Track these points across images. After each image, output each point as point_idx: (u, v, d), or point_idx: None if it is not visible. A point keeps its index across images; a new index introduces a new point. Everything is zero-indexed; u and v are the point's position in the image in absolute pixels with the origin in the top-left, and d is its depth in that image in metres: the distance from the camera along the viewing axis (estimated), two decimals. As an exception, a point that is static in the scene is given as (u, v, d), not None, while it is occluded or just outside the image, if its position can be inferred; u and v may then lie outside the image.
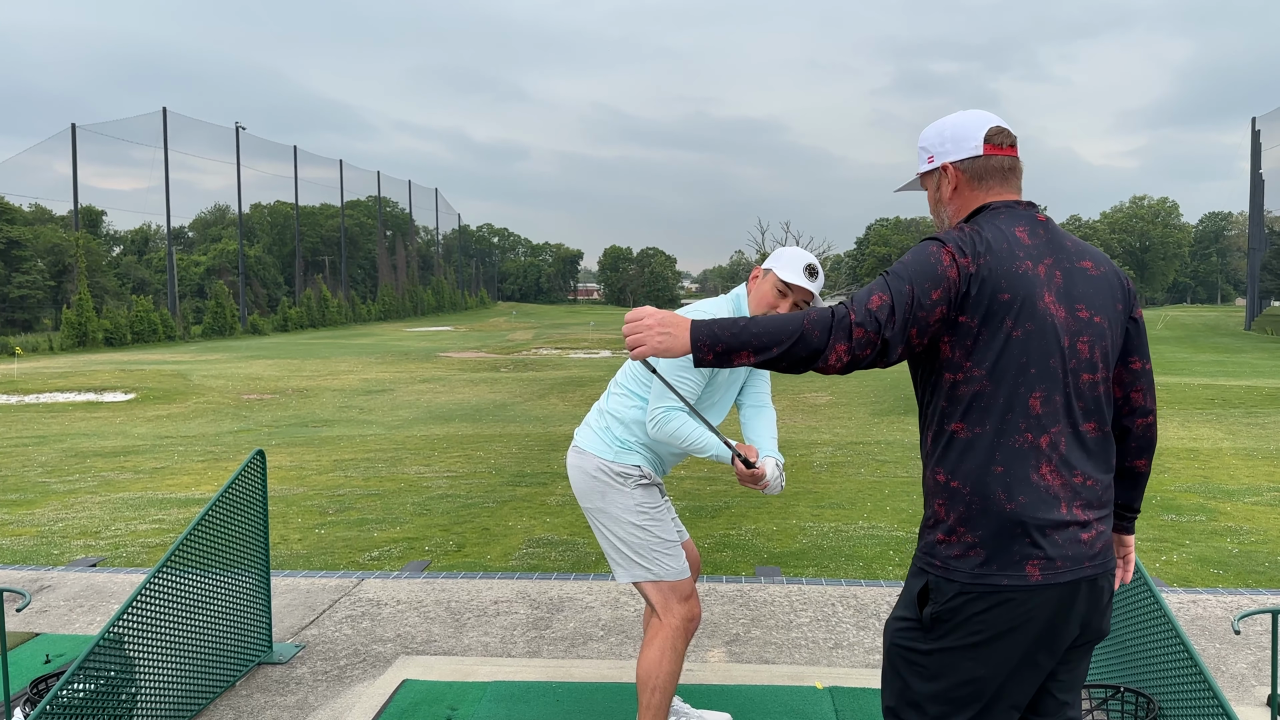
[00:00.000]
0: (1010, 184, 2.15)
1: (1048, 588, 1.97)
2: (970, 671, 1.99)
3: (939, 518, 2.03)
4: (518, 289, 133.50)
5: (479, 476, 10.00)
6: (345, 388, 21.46)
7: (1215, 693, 2.82)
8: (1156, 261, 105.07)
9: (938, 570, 2.01)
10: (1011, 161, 2.15)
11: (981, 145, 2.13)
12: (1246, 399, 16.40)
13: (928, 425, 2.08)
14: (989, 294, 1.96)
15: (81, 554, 6.82)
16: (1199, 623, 4.77)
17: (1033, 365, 1.98)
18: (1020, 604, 1.95)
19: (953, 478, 2.00)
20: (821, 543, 6.85)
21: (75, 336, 40.61)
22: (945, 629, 2.00)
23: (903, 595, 2.14)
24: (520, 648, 4.54)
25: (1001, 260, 1.98)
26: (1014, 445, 1.97)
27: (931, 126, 2.22)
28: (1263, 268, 48.97)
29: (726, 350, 1.97)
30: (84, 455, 12.32)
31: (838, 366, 1.93)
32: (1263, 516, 7.69)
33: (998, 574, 1.95)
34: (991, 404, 1.97)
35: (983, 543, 1.96)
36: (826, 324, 1.91)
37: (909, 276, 1.95)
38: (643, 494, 3.22)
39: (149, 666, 3.47)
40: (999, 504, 1.96)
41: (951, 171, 2.16)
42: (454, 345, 38.65)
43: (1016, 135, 2.18)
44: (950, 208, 2.19)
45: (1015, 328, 1.97)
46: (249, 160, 59.75)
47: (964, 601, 1.97)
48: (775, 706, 3.83)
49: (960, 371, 1.99)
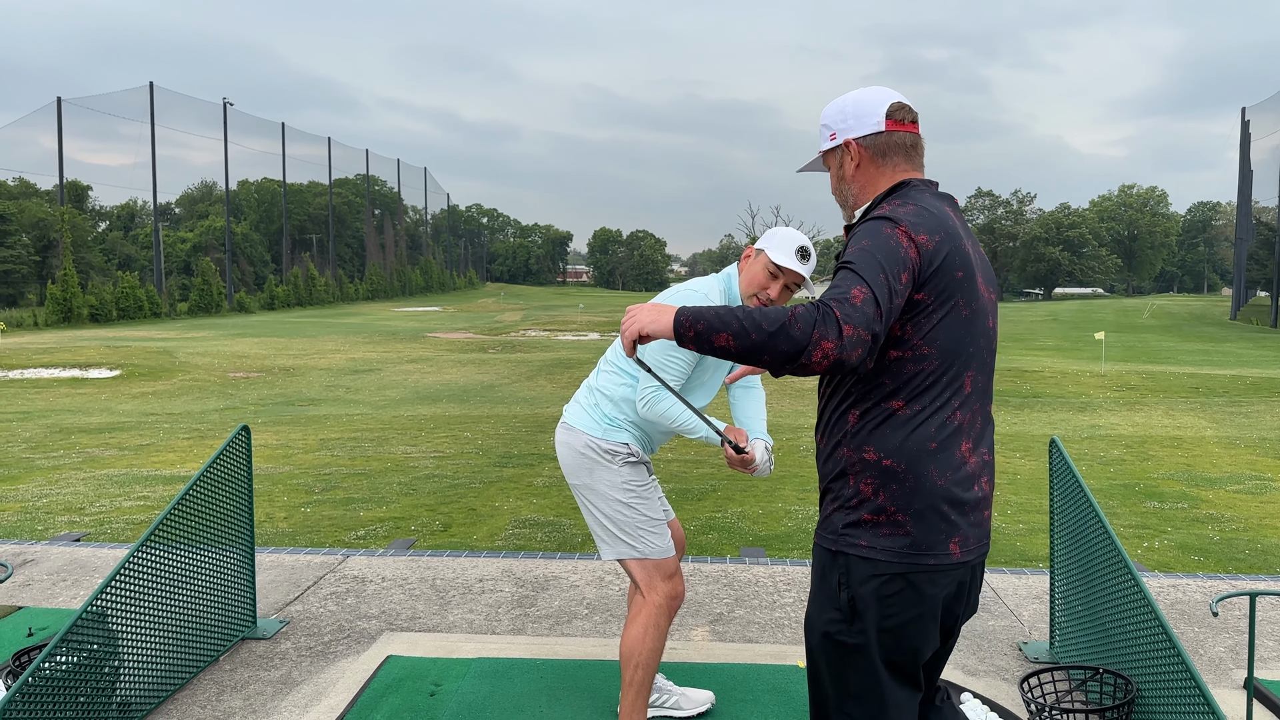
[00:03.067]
0: (914, 161, 2.13)
1: (960, 566, 1.99)
2: (896, 652, 1.99)
3: (865, 497, 1.98)
4: (506, 270, 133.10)
5: (466, 457, 10.00)
6: (332, 367, 21.39)
7: (1193, 675, 2.84)
8: (1144, 250, 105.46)
9: (861, 550, 1.97)
10: (914, 138, 2.13)
11: (884, 121, 2.10)
12: (1230, 388, 16.52)
13: (853, 402, 2.01)
14: (946, 271, 1.94)
15: (65, 530, 6.80)
16: (1178, 607, 4.81)
17: (971, 344, 1.99)
18: (934, 583, 1.97)
19: (886, 456, 1.96)
20: (807, 526, 6.87)
21: (60, 312, 40.32)
22: (863, 614, 1.98)
23: (817, 586, 2.09)
24: (505, 625, 4.55)
25: (952, 237, 1.98)
26: (948, 423, 1.97)
27: (832, 104, 2.19)
28: (1249, 258, 49.18)
29: (708, 329, 1.88)
30: (68, 431, 12.26)
31: (822, 365, 1.79)
32: (1244, 504, 7.76)
33: (925, 554, 1.95)
34: (935, 382, 1.96)
35: (913, 521, 1.95)
36: (811, 319, 1.77)
37: (879, 264, 1.86)
38: (630, 471, 3.22)
39: (132, 640, 3.46)
40: (931, 481, 1.95)
41: (855, 148, 2.12)
42: (442, 326, 38.54)
43: (918, 112, 2.16)
44: (854, 185, 2.15)
45: (965, 306, 1.97)
46: (236, 137, 59.28)
47: (879, 584, 1.96)
48: (758, 684, 3.85)
49: (909, 349, 1.94)
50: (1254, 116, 46.17)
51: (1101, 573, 3.62)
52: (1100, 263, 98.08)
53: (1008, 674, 3.99)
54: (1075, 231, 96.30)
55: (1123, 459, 9.89)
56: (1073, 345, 28.65)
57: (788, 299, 3.21)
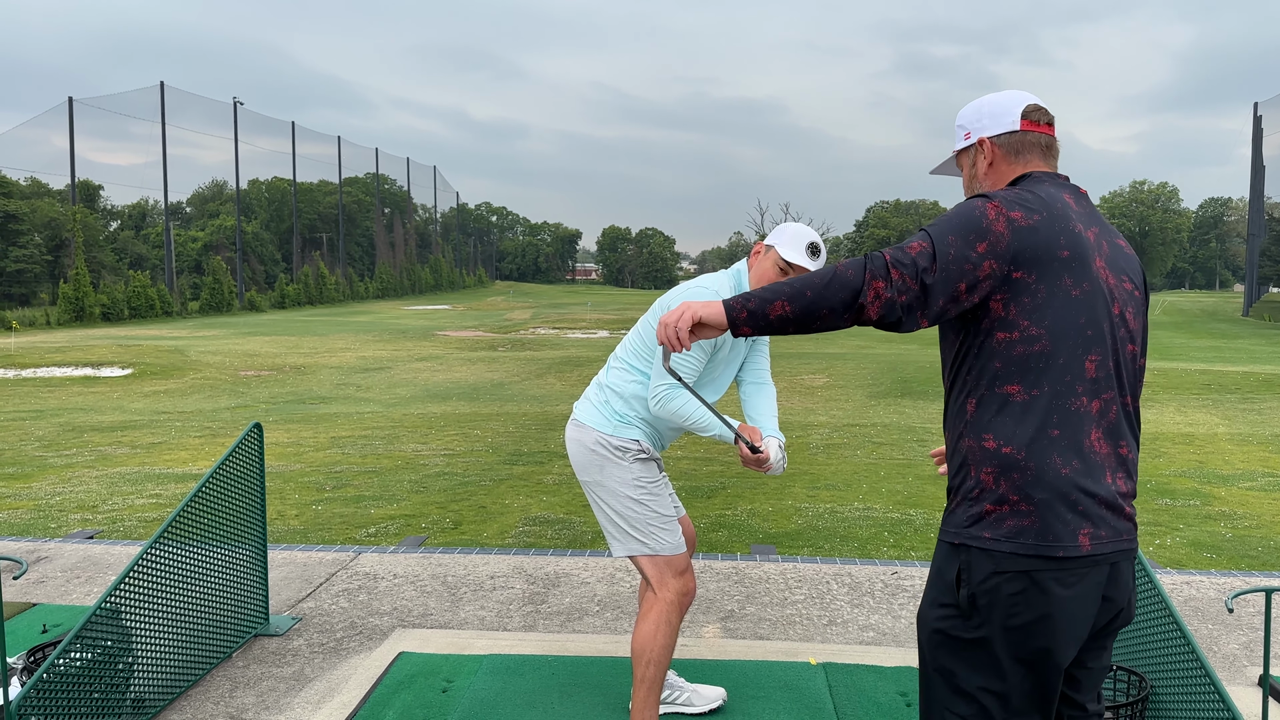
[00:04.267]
0: (1049, 161, 2.12)
1: (1096, 560, 1.89)
2: (1017, 653, 1.89)
3: (986, 487, 1.91)
4: (516, 268, 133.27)
5: (476, 455, 10.01)
6: (343, 365, 21.44)
7: (1208, 672, 2.83)
8: (1155, 246, 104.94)
9: (985, 543, 1.89)
10: (1049, 139, 2.12)
11: (1019, 120, 2.10)
12: (1243, 384, 16.43)
13: (970, 390, 1.96)
14: (1047, 249, 1.89)
15: (78, 527, 6.83)
16: (1192, 604, 4.79)
17: (1089, 327, 1.91)
18: (1062, 581, 1.87)
19: (1006, 443, 1.89)
20: (817, 523, 6.87)
21: (72, 311, 40.53)
22: (985, 611, 1.90)
23: (933, 580, 2.03)
24: (516, 622, 4.56)
25: (1058, 218, 1.93)
26: (1071, 409, 1.89)
27: (969, 106, 2.20)
28: (1262, 254, 48.93)
29: (760, 304, 1.90)
30: (81, 430, 12.32)
31: (876, 307, 1.83)
32: (1256, 502, 7.72)
33: (1052, 544, 1.86)
34: (1050, 364, 1.89)
35: (1038, 510, 1.87)
36: (861, 263, 1.85)
37: (950, 228, 1.89)
38: (641, 468, 3.22)
39: (145, 636, 3.48)
40: (1055, 470, 1.87)
41: (988, 146, 2.12)
42: (451, 324, 38.61)
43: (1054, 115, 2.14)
44: (986, 183, 2.15)
45: (1074, 286, 1.90)
46: (247, 136, 59.54)
47: (1002, 580, 1.87)
48: (769, 681, 3.85)
49: (1016, 330, 1.89)
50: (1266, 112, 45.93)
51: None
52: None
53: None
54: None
55: (1135, 456, 9.84)
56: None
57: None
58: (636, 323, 3.34)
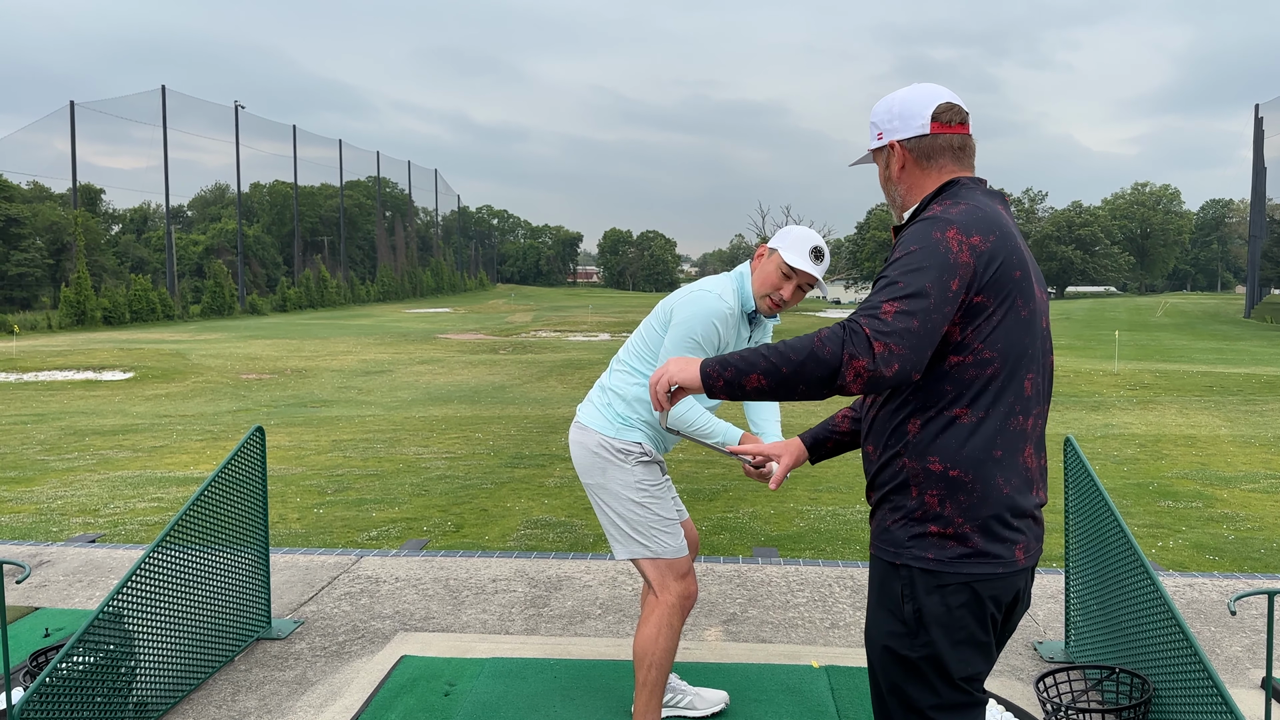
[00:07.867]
0: (964, 162, 2.06)
1: (1023, 571, 1.96)
2: (963, 668, 1.94)
3: (930, 509, 1.92)
4: (517, 271, 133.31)
5: (477, 458, 10.01)
6: (344, 368, 21.45)
7: (1210, 674, 2.83)
8: (1157, 248, 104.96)
9: (927, 564, 1.92)
10: (962, 139, 2.06)
11: (929, 124, 2.03)
12: (1245, 386, 16.41)
13: (914, 412, 1.94)
14: (1005, 272, 1.88)
15: (80, 531, 6.83)
16: (1194, 606, 4.78)
17: (1030, 346, 1.93)
18: (996, 591, 1.93)
19: (953, 466, 1.90)
20: (819, 526, 6.86)
21: (73, 315, 40.54)
22: (931, 627, 1.93)
23: (876, 597, 2.03)
24: (518, 625, 4.56)
25: (1008, 236, 1.92)
26: (1011, 429, 1.92)
27: (883, 101, 2.13)
28: (1263, 255, 48.89)
29: (736, 374, 1.86)
30: (83, 433, 12.33)
31: (858, 384, 1.75)
32: (1259, 503, 7.71)
33: (993, 562, 1.91)
34: (999, 387, 1.90)
35: (980, 533, 1.90)
36: (838, 338, 1.75)
37: (924, 275, 1.80)
38: (643, 471, 3.22)
39: (148, 640, 3.48)
40: (998, 490, 1.90)
41: (899, 150, 2.06)
42: (453, 327, 38.61)
43: (969, 112, 2.09)
44: (900, 186, 2.10)
45: (1023, 307, 1.91)
46: (248, 140, 59.55)
47: (945, 594, 1.91)
48: (771, 684, 3.84)
49: (969, 354, 1.88)
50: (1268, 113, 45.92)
51: (1117, 572, 3.60)
52: (1113, 261, 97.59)
53: (1023, 674, 3.98)
54: (1087, 230, 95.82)
55: (1136, 458, 9.84)
56: (1086, 344, 28.51)
57: (800, 299, 3.20)
58: (639, 325, 3.34)
